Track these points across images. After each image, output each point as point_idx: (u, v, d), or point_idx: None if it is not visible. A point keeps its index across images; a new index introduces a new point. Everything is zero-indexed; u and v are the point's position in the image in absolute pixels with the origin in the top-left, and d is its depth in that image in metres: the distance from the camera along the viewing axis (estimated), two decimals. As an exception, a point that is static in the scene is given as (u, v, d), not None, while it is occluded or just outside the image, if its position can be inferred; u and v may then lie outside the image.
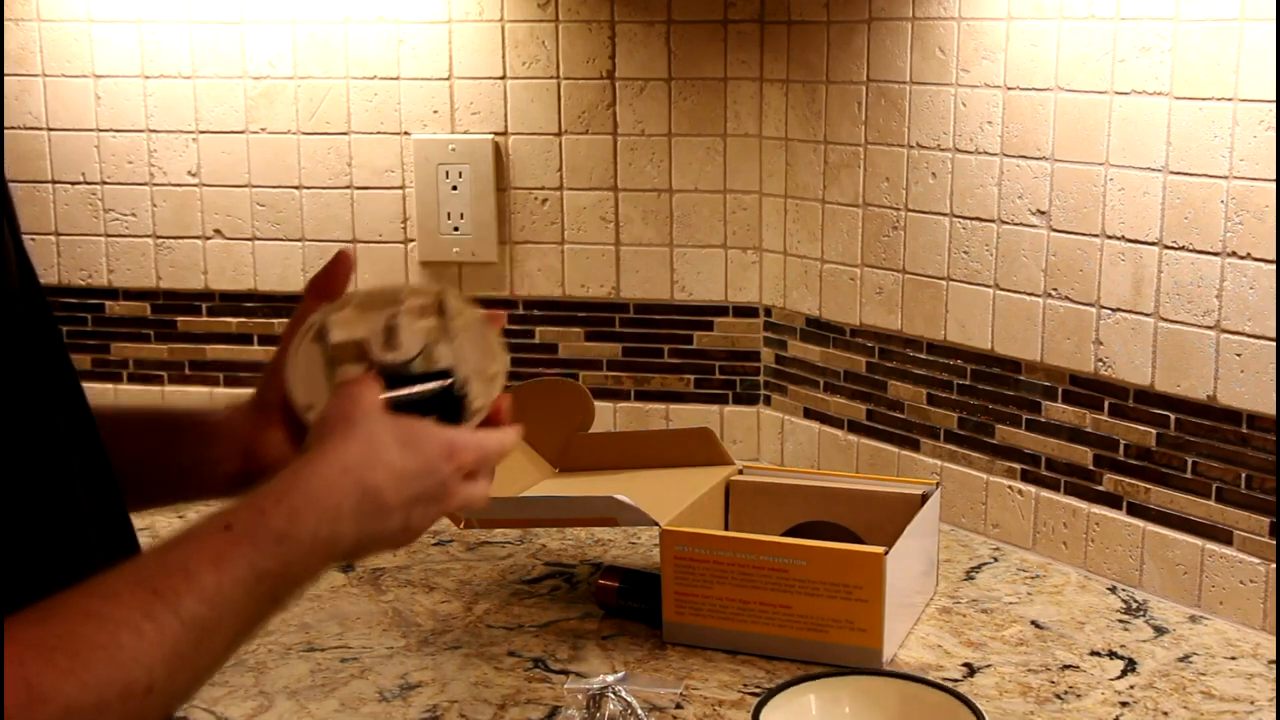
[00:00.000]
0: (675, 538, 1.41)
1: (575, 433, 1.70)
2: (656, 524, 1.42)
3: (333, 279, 1.00)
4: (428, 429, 0.90)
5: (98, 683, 0.67)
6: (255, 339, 2.02)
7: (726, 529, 1.59)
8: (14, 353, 0.74)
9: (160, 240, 2.02)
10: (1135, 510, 1.55)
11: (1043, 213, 1.58)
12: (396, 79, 1.93)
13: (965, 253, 1.67)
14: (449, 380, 0.94)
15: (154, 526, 1.73)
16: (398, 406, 0.91)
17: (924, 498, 1.51)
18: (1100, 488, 1.58)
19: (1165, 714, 1.29)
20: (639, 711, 1.25)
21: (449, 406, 0.93)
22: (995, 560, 1.65)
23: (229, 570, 0.75)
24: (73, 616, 0.69)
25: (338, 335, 0.95)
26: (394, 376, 0.93)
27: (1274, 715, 1.29)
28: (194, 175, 1.99)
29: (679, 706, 1.30)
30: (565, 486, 1.66)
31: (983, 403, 1.69)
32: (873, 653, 1.35)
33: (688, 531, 1.42)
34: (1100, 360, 1.55)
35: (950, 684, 1.31)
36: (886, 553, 1.34)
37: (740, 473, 1.63)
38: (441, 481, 0.89)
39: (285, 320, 1.02)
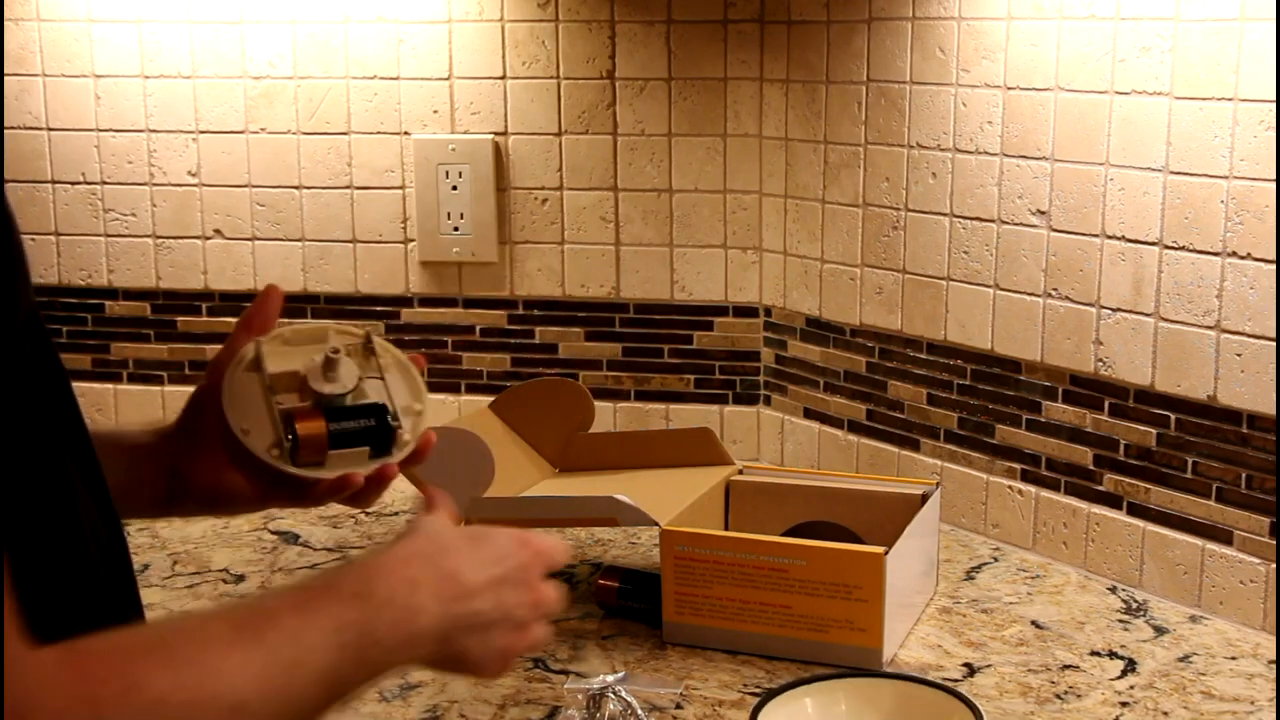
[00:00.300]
0: (675, 538, 1.41)
1: (575, 433, 1.70)
2: (656, 524, 1.42)
3: (264, 314, 1.04)
4: (490, 528, 0.93)
5: (191, 683, 0.69)
6: (255, 339, 2.02)
7: (726, 529, 1.59)
8: (15, 368, 0.74)
9: (160, 240, 2.02)
10: (1135, 510, 1.55)
11: (1043, 213, 1.58)
12: (396, 79, 1.93)
13: (965, 253, 1.67)
14: (383, 413, 0.99)
15: (154, 527, 1.74)
16: (337, 437, 0.97)
17: (924, 498, 1.51)
18: (1100, 488, 1.58)
19: (1165, 714, 1.29)
20: (639, 711, 1.25)
21: (380, 439, 0.99)
22: (995, 560, 1.65)
23: (311, 616, 0.77)
24: (165, 629, 0.73)
25: (274, 366, 0.99)
26: (329, 408, 0.99)
27: (1274, 715, 1.29)
28: (194, 175, 1.99)
29: (679, 706, 1.30)
30: (565, 486, 1.66)
31: (983, 403, 1.69)
32: (873, 653, 1.35)
33: (688, 531, 1.42)
34: (1100, 360, 1.55)
35: (950, 684, 1.31)
36: (886, 553, 1.34)
37: (740, 473, 1.63)
38: (523, 564, 0.90)
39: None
